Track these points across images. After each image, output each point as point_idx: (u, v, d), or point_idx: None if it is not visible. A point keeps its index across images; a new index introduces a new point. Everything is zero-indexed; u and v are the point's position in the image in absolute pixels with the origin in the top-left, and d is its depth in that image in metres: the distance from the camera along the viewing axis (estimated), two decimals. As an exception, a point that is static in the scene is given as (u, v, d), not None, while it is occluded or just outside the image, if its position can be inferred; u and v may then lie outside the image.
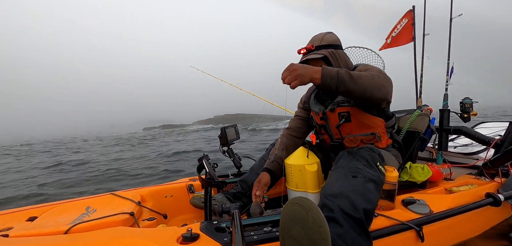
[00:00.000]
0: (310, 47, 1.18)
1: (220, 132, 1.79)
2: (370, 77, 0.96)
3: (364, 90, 0.95)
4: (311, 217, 0.65)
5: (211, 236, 0.84)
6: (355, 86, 0.93)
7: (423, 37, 2.26)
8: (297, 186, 1.17)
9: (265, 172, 1.29)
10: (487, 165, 1.47)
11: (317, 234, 0.64)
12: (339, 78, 0.91)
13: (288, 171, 1.20)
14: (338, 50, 1.20)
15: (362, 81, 0.94)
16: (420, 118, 1.43)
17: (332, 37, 1.21)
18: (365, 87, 0.94)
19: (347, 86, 0.92)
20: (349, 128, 1.19)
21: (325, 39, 1.19)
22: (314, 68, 0.92)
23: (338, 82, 0.91)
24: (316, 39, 1.20)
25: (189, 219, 1.47)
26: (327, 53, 1.16)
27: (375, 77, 0.97)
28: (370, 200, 0.85)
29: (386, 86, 1.00)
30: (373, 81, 0.96)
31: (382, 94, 0.99)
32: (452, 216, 1.13)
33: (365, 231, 0.80)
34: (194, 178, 1.72)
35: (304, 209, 0.67)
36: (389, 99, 1.06)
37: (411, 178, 1.33)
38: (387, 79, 1.02)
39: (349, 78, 0.92)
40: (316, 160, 1.17)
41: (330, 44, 1.18)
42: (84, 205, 1.26)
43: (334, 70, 0.92)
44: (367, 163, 0.96)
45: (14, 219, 1.17)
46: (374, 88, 0.96)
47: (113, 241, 0.81)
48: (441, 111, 1.96)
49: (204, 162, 1.13)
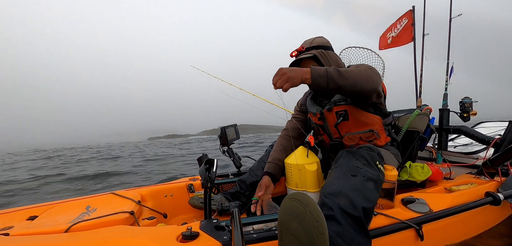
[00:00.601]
0: (301, 49, 1.24)
1: (220, 132, 1.79)
2: (358, 71, 1.01)
3: (354, 84, 0.98)
4: (309, 212, 0.66)
5: (211, 235, 0.84)
6: (344, 81, 0.96)
7: (422, 37, 2.27)
8: (297, 186, 1.17)
9: (265, 176, 1.31)
10: (487, 164, 1.47)
11: (315, 229, 0.64)
12: (328, 75, 0.94)
13: (288, 171, 1.21)
14: (328, 51, 1.24)
15: (351, 76, 0.97)
16: (420, 117, 1.44)
17: (322, 40, 1.26)
18: (354, 81, 0.98)
19: (337, 82, 0.95)
20: (347, 126, 1.21)
21: (315, 42, 1.24)
22: (303, 69, 0.94)
23: (328, 79, 0.94)
24: (306, 42, 1.26)
25: (189, 219, 1.47)
26: (317, 53, 1.20)
27: (363, 71, 1.02)
28: (370, 199, 0.85)
29: (374, 77, 1.04)
30: (361, 74, 1.00)
31: (371, 85, 1.03)
32: (452, 215, 1.13)
33: (364, 229, 0.80)
34: (194, 177, 1.73)
35: (302, 204, 0.68)
36: (379, 90, 1.09)
37: (411, 177, 1.34)
38: (374, 72, 1.06)
39: (337, 74, 0.95)
40: (315, 160, 1.18)
41: (320, 45, 1.24)
42: (84, 204, 1.26)
43: (322, 69, 0.95)
44: (367, 162, 0.97)
45: (15, 218, 1.17)
46: (363, 80, 1.00)
47: (113, 239, 0.81)
48: (440, 110, 1.96)
49: (215, 161, 1.12)
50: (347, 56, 1.90)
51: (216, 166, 1.06)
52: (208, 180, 0.97)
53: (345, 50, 1.91)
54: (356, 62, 1.90)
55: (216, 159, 1.12)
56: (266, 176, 1.31)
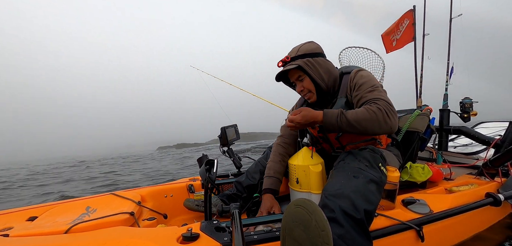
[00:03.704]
0: (285, 58, 1.18)
1: (220, 132, 1.78)
2: (369, 118, 0.96)
3: (365, 131, 0.98)
4: (315, 220, 0.65)
5: (211, 236, 0.84)
6: (354, 130, 0.98)
7: (423, 37, 2.27)
8: (301, 187, 1.15)
9: (268, 196, 1.22)
10: (487, 165, 1.47)
11: (320, 237, 0.63)
12: (338, 126, 0.99)
13: (291, 172, 1.18)
14: (317, 58, 1.16)
15: (361, 124, 0.97)
16: (420, 118, 1.43)
17: (309, 46, 1.17)
18: (364, 128, 0.97)
19: (346, 130, 0.99)
20: (349, 137, 1.18)
21: (301, 50, 1.16)
22: (317, 113, 1.02)
23: (338, 129, 1.00)
24: (293, 51, 1.19)
25: (189, 219, 1.47)
26: (302, 63, 1.13)
27: (377, 113, 0.96)
28: (371, 201, 0.85)
29: (388, 122, 0.97)
30: (372, 121, 0.96)
31: (384, 130, 0.98)
32: (452, 216, 1.13)
33: (365, 231, 0.80)
34: (195, 178, 1.72)
35: (308, 212, 0.67)
36: (394, 131, 1.04)
37: (411, 178, 1.33)
38: (391, 112, 0.98)
39: (347, 125, 0.98)
40: (320, 161, 1.16)
41: (306, 54, 1.15)
42: (84, 205, 1.26)
43: (334, 118, 0.99)
44: (369, 164, 0.96)
45: (14, 219, 1.17)
46: (375, 126, 0.97)
47: (113, 240, 0.81)
48: (441, 111, 1.96)
49: (215, 162, 1.10)
50: (347, 56, 1.90)
51: (216, 167, 1.05)
52: (208, 180, 0.97)
53: (345, 50, 1.91)
54: (356, 62, 1.89)
55: (216, 160, 1.10)
56: (270, 195, 1.22)
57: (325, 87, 1.16)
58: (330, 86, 1.18)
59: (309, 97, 1.20)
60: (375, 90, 1.05)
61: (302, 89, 1.19)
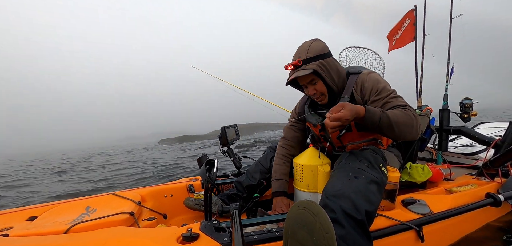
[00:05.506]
0: (297, 62, 1.08)
1: (220, 132, 1.78)
2: (408, 123, 0.96)
3: (399, 134, 0.96)
4: (319, 222, 0.64)
5: (211, 236, 0.84)
6: (390, 132, 0.95)
7: (423, 37, 2.26)
8: (309, 187, 1.13)
9: (282, 198, 1.24)
10: (487, 165, 1.47)
11: (324, 240, 0.63)
12: (379, 125, 0.93)
13: (298, 172, 1.16)
14: (328, 59, 1.10)
15: (400, 128, 0.95)
16: (420, 118, 1.43)
17: (319, 45, 1.09)
18: (400, 132, 0.96)
19: (383, 131, 0.96)
20: (350, 136, 1.16)
21: (311, 50, 1.07)
22: (358, 108, 0.91)
23: (377, 127, 0.94)
24: (302, 51, 1.09)
25: (189, 219, 1.47)
26: (317, 67, 1.06)
27: (413, 120, 0.97)
28: (372, 201, 0.85)
29: (418, 129, 0.98)
30: (410, 125, 0.96)
31: (413, 137, 0.99)
32: (452, 217, 1.13)
33: (366, 232, 0.80)
34: (195, 178, 1.72)
35: (312, 214, 0.66)
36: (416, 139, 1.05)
37: (411, 178, 1.33)
38: (419, 121, 1.00)
39: (387, 125, 0.93)
40: (328, 161, 1.15)
41: (318, 55, 1.07)
42: (84, 205, 1.26)
43: (376, 116, 0.92)
44: (370, 165, 0.96)
45: (14, 218, 1.17)
46: (408, 131, 0.97)
47: (113, 240, 0.81)
48: (441, 111, 1.96)
49: (215, 162, 1.10)
50: (347, 56, 1.90)
51: (216, 167, 1.05)
52: (208, 180, 0.97)
53: (345, 50, 1.91)
54: (356, 62, 1.89)
55: (216, 160, 1.10)
56: (284, 197, 1.25)
57: (336, 89, 1.13)
58: (340, 87, 1.15)
59: (321, 99, 1.16)
60: (399, 96, 1.06)
61: (314, 92, 1.14)
